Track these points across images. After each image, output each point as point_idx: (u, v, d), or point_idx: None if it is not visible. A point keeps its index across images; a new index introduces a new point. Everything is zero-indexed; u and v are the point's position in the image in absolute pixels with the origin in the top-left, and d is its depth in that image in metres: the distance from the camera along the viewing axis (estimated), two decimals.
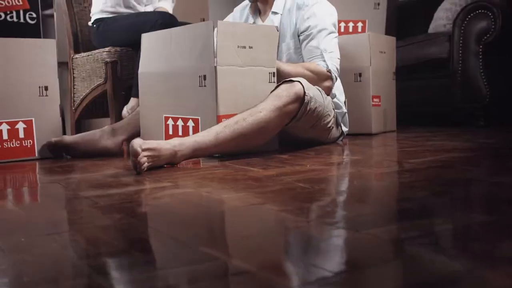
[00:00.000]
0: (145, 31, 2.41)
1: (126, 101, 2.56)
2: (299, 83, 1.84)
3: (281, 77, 1.97)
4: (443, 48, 2.76)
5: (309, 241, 0.76)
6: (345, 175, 1.35)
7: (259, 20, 2.29)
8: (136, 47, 2.51)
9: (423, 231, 0.76)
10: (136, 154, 1.47)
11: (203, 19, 3.61)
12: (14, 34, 3.25)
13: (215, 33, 1.79)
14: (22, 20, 3.32)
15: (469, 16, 2.64)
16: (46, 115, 2.07)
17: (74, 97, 2.79)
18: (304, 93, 1.84)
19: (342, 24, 3.47)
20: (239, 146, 1.75)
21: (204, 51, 1.83)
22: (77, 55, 2.75)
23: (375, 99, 2.50)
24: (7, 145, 2.00)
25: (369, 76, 2.46)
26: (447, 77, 2.75)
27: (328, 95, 2.08)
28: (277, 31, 1.98)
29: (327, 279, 0.57)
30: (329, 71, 2.06)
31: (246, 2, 2.34)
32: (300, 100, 1.84)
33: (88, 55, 2.65)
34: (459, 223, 0.81)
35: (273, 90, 1.87)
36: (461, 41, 2.66)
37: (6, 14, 3.26)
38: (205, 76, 1.84)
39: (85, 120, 3.02)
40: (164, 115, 2.01)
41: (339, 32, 3.47)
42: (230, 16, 2.43)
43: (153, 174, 1.46)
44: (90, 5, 2.74)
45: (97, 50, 2.61)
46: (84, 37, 2.83)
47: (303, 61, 2.15)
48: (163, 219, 0.94)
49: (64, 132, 3.16)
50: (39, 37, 3.32)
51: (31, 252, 0.73)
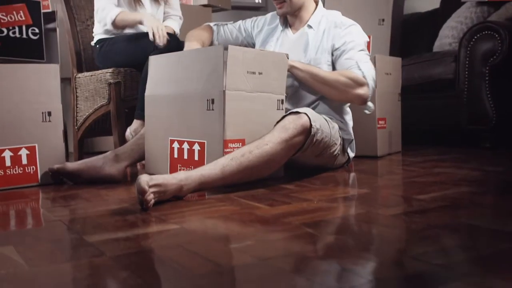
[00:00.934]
0: (148, 53, 2.40)
1: (129, 122, 2.55)
2: (305, 115, 1.83)
3: (316, 83, 2.02)
4: (449, 68, 2.74)
5: None
6: (352, 218, 1.32)
7: (289, 31, 2.28)
8: (139, 67, 2.49)
9: None
10: (143, 192, 1.45)
11: None
12: (17, 50, 3.26)
13: (225, 57, 1.78)
14: (24, 36, 3.31)
15: (475, 37, 2.62)
16: (49, 141, 2.05)
17: (77, 116, 2.78)
18: (311, 125, 1.82)
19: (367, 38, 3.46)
20: (245, 178, 1.73)
21: (213, 75, 1.81)
22: (80, 75, 2.74)
23: (380, 122, 2.48)
24: (10, 172, 1.98)
25: (374, 99, 2.43)
26: (452, 98, 2.73)
27: (364, 103, 2.07)
28: (287, 58, 1.96)
29: None
30: (364, 77, 2.04)
31: None
32: (307, 132, 1.82)
33: (92, 75, 2.63)
34: None
35: (279, 121, 1.85)
36: (467, 62, 2.64)
37: (8, 30, 3.25)
38: (213, 100, 1.82)
39: (88, 139, 3.01)
40: (170, 138, 1.99)
41: None
42: (262, 18, 2.40)
43: (159, 210, 1.44)
44: (93, 23, 2.72)
45: (100, 71, 2.59)
46: (87, 56, 2.82)
47: None
48: (172, 279, 0.92)
49: (67, 148, 3.16)
50: (42, 52, 3.32)
51: None
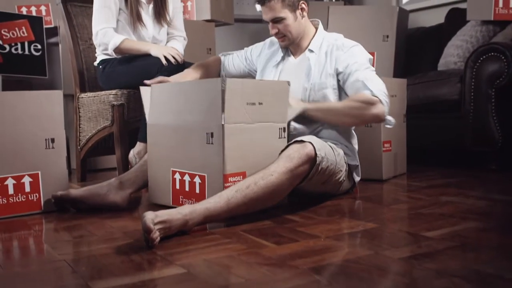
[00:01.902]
0: (152, 75, 2.39)
1: (133, 142, 2.53)
2: (310, 144, 1.81)
3: (331, 117, 2.02)
4: (454, 89, 2.72)
5: None
6: (361, 262, 1.30)
7: (291, 56, 2.26)
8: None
9: None
10: (149, 231, 1.44)
11: (210, 49, 3.59)
12: (19, 67, 3.24)
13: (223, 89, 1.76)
14: (27, 52, 3.29)
15: (481, 58, 2.60)
16: (52, 168, 2.04)
17: (79, 136, 2.76)
18: (316, 154, 1.81)
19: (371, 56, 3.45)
20: (250, 210, 1.71)
21: (211, 108, 1.80)
22: (83, 95, 2.72)
23: (385, 145, 2.46)
24: (13, 200, 1.96)
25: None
26: (458, 119, 2.72)
27: (383, 121, 2.04)
28: (288, 85, 1.94)
29: None
30: (374, 95, 2.00)
31: None
32: (312, 160, 1.81)
33: (94, 96, 2.62)
34: None
35: (283, 150, 1.83)
36: (473, 84, 2.62)
37: (11, 46, 3.23)
38: (212, 134, 1.81)
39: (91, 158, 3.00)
40: (172, 168, 1.98)
41: None
42: (261, 44, 2.39)
43: (164, 249, 1.43)
44: None
45: (103, 92, 2.58)
46: (90, 75, 2.80)
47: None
48: None
49: (69, 165, 3.15)
50: (44, 69, 3.30)
51: None
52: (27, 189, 1.99)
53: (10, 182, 1.96)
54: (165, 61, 2.40)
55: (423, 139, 2.94)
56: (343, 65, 2.10)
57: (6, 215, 1.93)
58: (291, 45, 2.23)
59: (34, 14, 3.42)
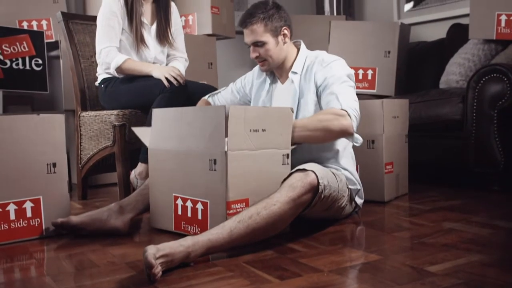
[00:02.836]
0: (154, 95, 2.39)
1: (134, 163, 2.53)
2: (312, 173, 1.81)
3: (298, 134, 1.94)
4: (456, 109, 2.72)
5: None
6: None
7: (278, 82, 2.25)
8: (145, 109, 2.48)
9: None
10: (150, 267, 1.43)
11: (211, 64, 3.59)
12: (20, 82, 3.24)
13: (226, 116, 1.76)
14: (28, 67, 3.30)
15: (483, 79, 2.59)
16: (54, 192, 2.03)
17: (81, 154, 2.76)
18: (318, 182, 1.80)
19: (352, 71, 3.44)
20: (253, 240, 1.71)
21: (214, 135, 1.80)
22: (84, 113, 2.72)
23: (387, 166, 2.45)
24: (14, 225, 1.96)
25: (382, 144, 2.42)
26: (460, 139, 2.71)
27: (350, 135, 1.97)
28: (292, 112, 1.94)
29: None
30: (343, 109, 1.96)
31: None
32: (315, 189, 1.80)
33: (96, 116, 2.61)
34: None
35: (286, 179, 1.83)
36: (475, 104, 2.62)
37: (12, 62, 3.24)
38: (215, 161, 1.80)
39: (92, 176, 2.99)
40: (174, 194, 1.97)
41: None
42: (250, 74, 2.38)
43: (167, 283, 1.43)
44: None
45: (105, 112, 2.57)
46: (92, 93, 2.80)
47: None
48: None
49: (70, 179, 3.14)
50: (45, 84, 3.30)
51: None
52: (29, 214, 1.99)
53: (11, 208, 1.95)
54: (167, 83, 2.40)
55: (425, 158, 2.93)
56: (321, 79, 2.08)
57: (7, 240, 1.93)
58: (273, 69, 2.22)
59: (35, 28, 3.42)
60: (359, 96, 2.69)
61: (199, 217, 1.87)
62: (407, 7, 4.16)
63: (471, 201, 2.46)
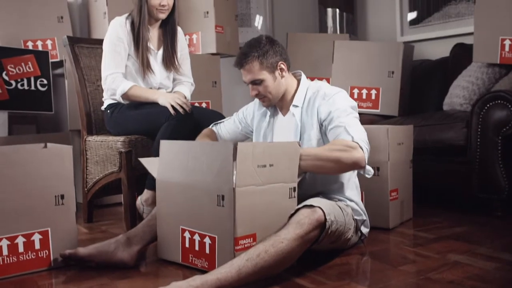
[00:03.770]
0: (160, 123, 2.41)
1: (140, 189, 2.54)
2: (319, 209, 1.83)
3: (307, 163, 1.93)
4: (460, 134, 2.73)
5: None
6: None
7: (279, 114, 2.27)
8: (151, 135, 2.49)
9: None
10: None
11: (215, 82, 3.60)
12: (25, 103, 3.25)
13: (234, 153, 1.77)
14: (33, 88, 3.31)
15: (487, 106, 2.61)
16: (62, 224, 2.05)
17: (87, 178, 2.77)
18: (325, 219, 1.82)
19: (356, 91, 3.48)
20: (261, 277, 1.72)
21: (222, 171, 1.81)
22: (90, 138, 2.73)
23: (392, 193, 2.47)
24: (23, 258, 1.97)
25: (387, 171, 2.43)
26: (464, 164, 2.72)
27: (362, 168, 1.97)
28: (299, 146, 1.95)
29: None
30: (355, 141, 1.96)
31: None
32: (322, 226, 1.82)
33: (102, 141, 2.63)
34: None
35: (293, 214, 1.84)
36: (479, 130, 2.63)
37: (17, 82, 3.25)
38: (223, 197, 1.81)
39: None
40: (181, 226, 1.98)
41: (352, 99, 3.47)
42: (251, 105, 2.39)
43: None
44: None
45: (111, 138, 2.58)
46: (97, 117, 2.81)
47: None
48: None
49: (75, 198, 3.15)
50: (50, 104, 3.32)
51: None
52: (37, 246, 2.00)
53: (20, 240, 1.96)
54: (173, 111, 2.41)
55: (429, 181, 2.95)
56: (325, 113, 2.09)
57: (16, 273, 1.94)
58: (274, 104, 2.23)
59: (40, 48, 3.43)
60: (363, 116, 2.73)
61: (207, 251, 1.88)
62: (411, 18, 4.16)
63: (475, 229, 2.47)
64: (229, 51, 3.73)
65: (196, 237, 1.93)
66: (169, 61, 2.70)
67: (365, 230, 2.22)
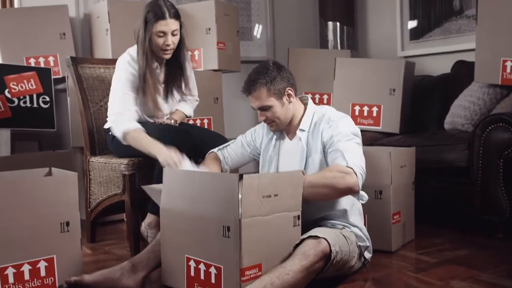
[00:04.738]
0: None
1: (144, 210, 2.55)
2: (325, 240, 1.84)
3: (304, 190, 1.94)
4: (462, 156, 2.75)
5: None
6: None
7: (286, 138, 2.28)
8: (154, 159, 2.49)
9: None
10: None
11: (216, 98, 3.62)
12: (28, 120, 3.25)
13: (239, 185, 1.78)
14: (35, 105, 3.32)
15: (489, 128, 2.62)
16: (67, 250, 2.05)
17: (90, 198, 2.78)
18: (330, 250, 1.83)
19: (357, 108, 3.50)
20: None
21: (228, 202, 1.82)
22: (93, 159, 2.74)
23: (395, 216, 2.48)
24: (28, 286, 1.97)
25: (390, 195, 2.45)
26: (466, 185, 2.74)
27: (355, 193, 2.01)
28: (303, 174, 1.96)
29: None
30: (349, 167, 1.99)
31: None
32: (327, 257, 1.84)
33: (105, 163, 2.64)
34: None
35: (298, 245, 1.86)
36: (481, 153, 2.64)
37: (19, 100, 3.26)
38: (228, 228, 1.82)
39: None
40: (186, 255, 1.99)
41: (353, 116, 3.49)
42: (259, 128, 2.40)
43: None
44: (107, 103, 2.71)
45: (114, 160, 2.59)
46: (101, 137, 2.81)
47: None
48: None
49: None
50: (53, 122, 3.32)
51: None
52: (43, 273, 2.01)
53: (26, 268, 1.97)
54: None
55: (431, 201, 2.97)
56: (327, 137, 2.12)
57: None
58: (282, 129, 2.26)
59: (42, 65, 3.43)
60: (364, 133, 2.74)
61: (213, 280, 1.89)
62: (411, 29, 4.18)
63: (477, 252, 2.48)
64: (230, 66, 3.74)
65: (202, 267, 1.93)
66: (173, 95, 2.70)
67: (368, 256, 2.23)
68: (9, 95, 3.21)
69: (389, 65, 3.52)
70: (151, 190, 2.18)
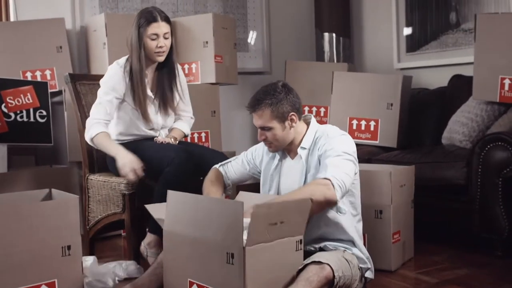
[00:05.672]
0: (162, 167, 2.42)
1: (143, 233, 2.54)
2: (328, 266, 1.85)
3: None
4: (460, 173, 2.76)
5: None
6: None
7: (287, 158, 2.29)
8: (153, 179, 2.49)
9: None
10: None
11: (214, 112, 3.61)
12: (24, 135, 3.23)
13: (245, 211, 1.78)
14: (32, 119, 3.30)
15: (488, 147, 2.63)
16: (68, 274, 2.04)
17: (88, 216, 2.77)
18: (334, 276, 1.84)
19: (355, 122, 3.51)
20: None
21: (232, 229, 1.80)
22: (92, 176, 2.73)
23: (395, 236, 2.49)
24: None
25: (390, 215, 2.46)
26: (464, 203, 2.75)
27: (333, 205, 2.02)
28: (311, 202, 1.94)
29: None
30: (327, 178, 1.98)
31: None
32: (330, 282, 1.85)
33: (104, 181, 2.63)
34: None
35: (301, 270, 1.86)
36: (479, 171, 2.66)
37: (16, 114, 3.24)
38: (233, 255, 1.82)
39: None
40: (189, 279, 1.98)
41: (350, 130, 3.50)
42: (260, 147, 2.39)
43: None
44: None
45: (113, 179, 2.58)
46: (100, 155, 2.79)
47: None
48: None
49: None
50: (50, 136, 3.30)
51: None
52: None
53: None
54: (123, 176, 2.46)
55: (430, 218, 2.98)
56: (321, 152, 2.13)
57: None
58: (280, 150, 2.26)
59: (39, 78, 3.41)
60: (361, 147, 2.73)
61: None
62: (408, 38, 4.20)
63: (476, 271, 2.49)
64: (227, 79, 3.72)
65: None
66: (166, 106, 2.70)
67: (369, 276, 2.23)
68: (5, 110, 3.19)
69: (386, 79, 3.53)
70: (153, 210, 2.16)
